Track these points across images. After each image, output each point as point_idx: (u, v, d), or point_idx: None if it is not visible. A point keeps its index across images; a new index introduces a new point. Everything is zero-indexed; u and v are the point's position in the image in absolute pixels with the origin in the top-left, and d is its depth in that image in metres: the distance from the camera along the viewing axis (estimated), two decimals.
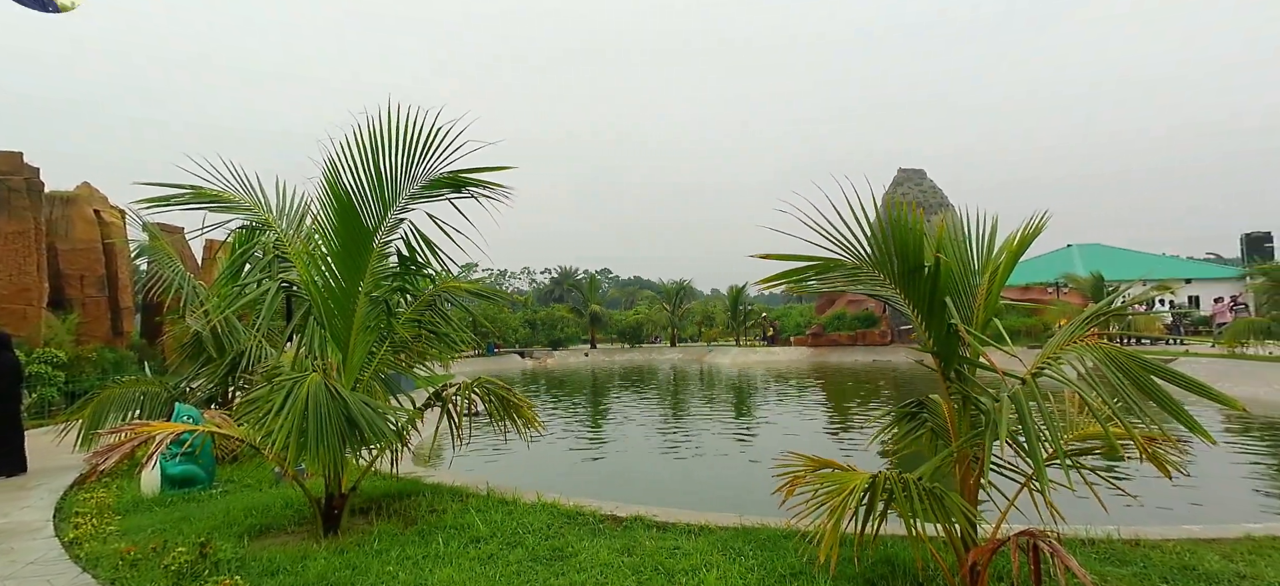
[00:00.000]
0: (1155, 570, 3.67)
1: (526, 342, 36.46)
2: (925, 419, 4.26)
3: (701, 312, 41.39)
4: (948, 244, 4.09)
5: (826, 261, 3.74)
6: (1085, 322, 3.86)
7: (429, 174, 4.88)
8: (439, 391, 5.54)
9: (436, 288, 5.95)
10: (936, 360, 3.78)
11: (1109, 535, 4.22)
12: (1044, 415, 3.09)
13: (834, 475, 3.57)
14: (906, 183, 34.30)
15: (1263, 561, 3.71)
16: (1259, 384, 14.85)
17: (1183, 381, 3.05)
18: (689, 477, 9.44)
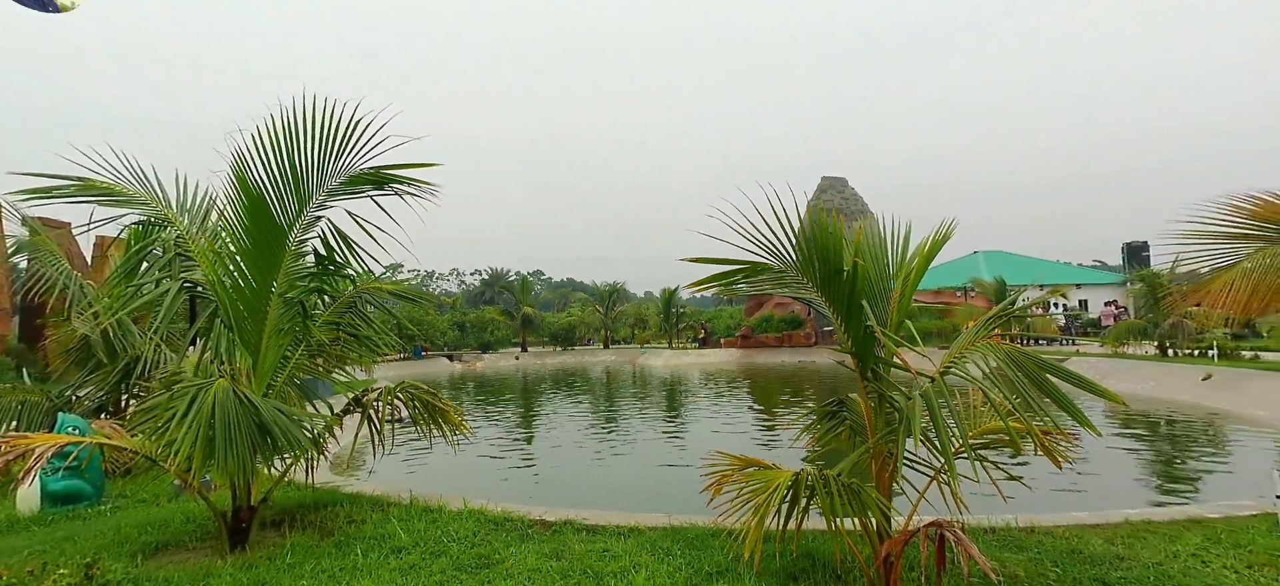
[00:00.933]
0: (1047, 555, 3.97)
1: (455, 346, 35.51)
2: (845, 417, 4.44)
3: (635, 315, 41.58)
4: (865, 250, 4.28)
5: (754, 265, 3.83)
6: (988, 324, 4.13)
7: (349, 170, 4.67)
8: (359, 397, 5.31)
9: (357, 289, 5.70)
10: (855, 360, 3.94)
11: (1008, 523, 4.52)
12: (952, 411, 3.27)
13: (759, 474, 3.66)
14: (830, 190, 35.68)
15: (1139, 543, 4.08)
16: (1136, 381, 16.34)
17: (1073, 379, 3.30)
18: (620, 479, 9.46)
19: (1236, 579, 3.52)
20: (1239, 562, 3.73)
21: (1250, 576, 3.55)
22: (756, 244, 3.75)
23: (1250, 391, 13.10)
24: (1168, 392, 14.96)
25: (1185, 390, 14.61)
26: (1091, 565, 3.79)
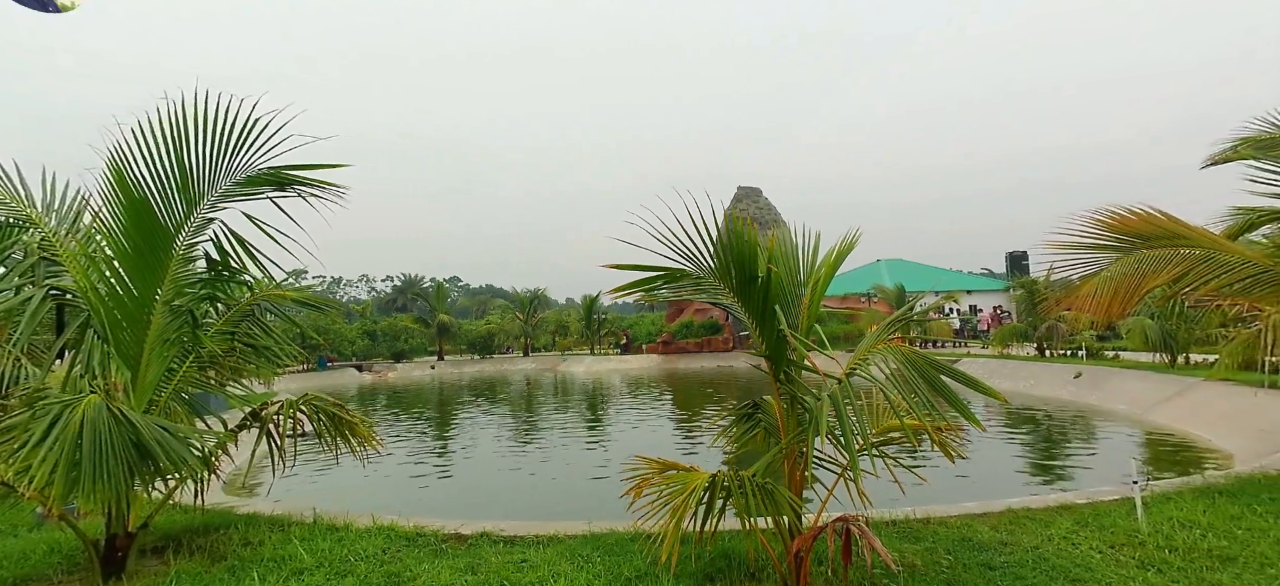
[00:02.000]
0: (941, 544, 4.26)
1: (365, 355, 33.85)
2: (760, 419, 4.57)
3: (556, 322, 41.17)
4: (778, 257, 4.44)
5: (673, 271, 3.89)
6: (888, 328, 4.39)
7: (247, 170, 4.36)
8: (257, 411, 4.96)
9: (256, 296, 5.34)
10: (769, 364, 4.08)
11: (907, 515, 4.82)
12: (856, 411, 3.45)
13: (678, 476, 3.72)
14: (745, 199, 36.84)
15: (1019, 529, 4.46)
16: (1018, 379, 17.85)
17: (962, 378, 3.57)
18: (541, 488, 9.33)
19: (1101, 558, 3.92)
20: (1103, 543, 4.14)
21: (1112, 555, 3.96)
22: (676, 251, 3.82)
23: (1112, 387, 14.60)
24: (1044, 389, 16.43)
25: (1059, 387, 16.09)
26: (979, 551, 4.10)
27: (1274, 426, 8.85)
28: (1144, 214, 5.44)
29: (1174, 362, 15.13)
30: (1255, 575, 3.58)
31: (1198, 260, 5.13)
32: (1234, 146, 5.77)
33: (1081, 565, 3.81)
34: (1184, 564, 3.76)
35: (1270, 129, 5.59)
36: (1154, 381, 13.61)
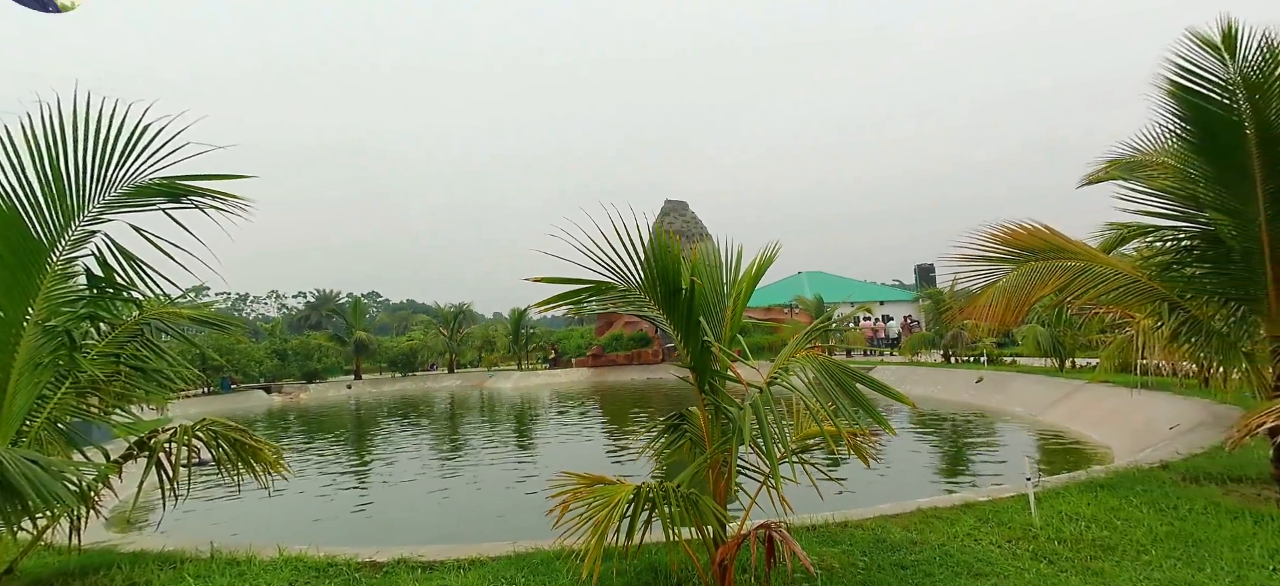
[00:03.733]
0: (857, 546, 4.42)
1: (274, 376, 31.84)
2: (686, 430, 4.62)
3: (482, 337, 40.16)
4: (702, 270, 4.52)
5: (600, 284, 3.89)
6: (806, 338, 4.56)
7: (135, 179, 4.03)
8: (146, 439, 4.55)
9: (145, 314, 4.92)
10: (694, 375, 4.14)
11: (826, 519, 4.98)
12: (776, 419, 3.54)
13: (604, 490, 3.69)
14: (672, 213, 37.37)
15: (929, 529, 4.70)
16: (927, 385, 18.90)
17: (874, 385, 3.73)
18: (464, 510, 9.04)
19: (1000, 552, 4.19)
20: (1002, 538, 4.43)
21: (1010, 549, 4.24)
22: (602, 264, 3.82)
23: (1010, 391, 15.72)
24: (950, 394, 17.48)
25: (963, 392, 17.16)
26: (892, 551, 4.29)
27: (1147, 424, 9.77)
28: (1032, 229, 5.91)
29: (1062, 367, 16.47)
30: (1132, 562, 3.92)
31: (1078, 272, 5.61)
32: (1105, 167, 6.38)
33: (983, 559, 4.06)
34: (1072, 554, 4.07)
35: (1135, 153, 6.21)
36: (1046, 385, 14.74)
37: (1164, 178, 5.61)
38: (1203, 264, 5.56)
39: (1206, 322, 5.51)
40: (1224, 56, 4.57)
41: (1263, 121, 4.63)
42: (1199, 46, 4.65)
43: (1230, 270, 5.32)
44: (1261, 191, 4.85)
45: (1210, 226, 5.39)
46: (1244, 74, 4.55)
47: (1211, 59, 4.64)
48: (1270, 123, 4.63)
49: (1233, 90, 4.64)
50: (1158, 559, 3.90)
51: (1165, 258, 5.83)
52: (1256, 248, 5.02)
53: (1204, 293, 5.59)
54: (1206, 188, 5.21)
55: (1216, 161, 5.03)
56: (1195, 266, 5.63)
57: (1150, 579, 3.63)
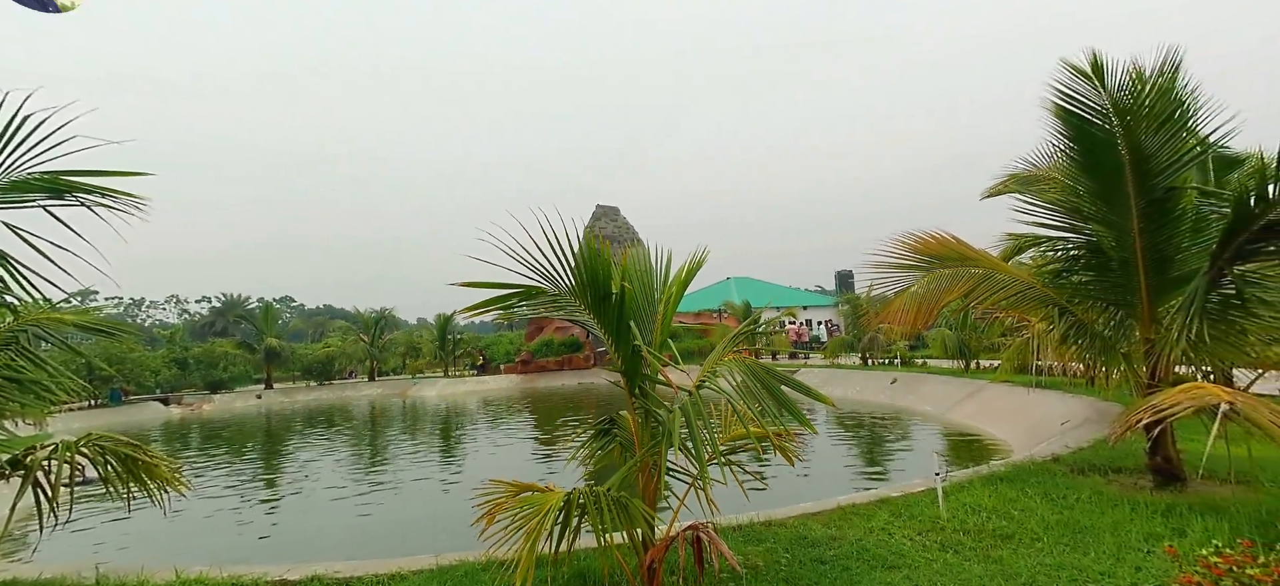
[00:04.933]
0: (780, 544, 4.56)
1: (174, 387, 29.52)
2: (616, 434, 4.62)
3: (406, 343, 38.67)
4: (633, 274, 4.55)
5: (529, 289, 3.84)
6: (733, 342, 4.66)
7: (8, 173, 3.65)
8: (21, 457, 4.11)
9: (21, 320, 4.46)
10: (624, 379, 4.15)
11: (752, 519, 5.11)
12: (705, 422, 3.60)
13: (533, 497, 3.64)
14: (604, 218, 37.39)
15: (847, 524, 4.91)
16: (846, 387, 19.74)
17: (798, 387, 3.85)
18: (386, 523, 8.68)
19: (911, 544, 4.42)
20: (913, 531, 4.68)
21: (920, 541, 4.49)
22: (532, 268, 3.78)
23: (921, 391, 16.64)
24: (868, 395, 18.33)
25: (879, 392, 18.03)
26: (813, 547, 4.45)
27: (1041, 420, 10.59)
28: (940, 238, 6.30)
29: (968, 368, 17.61)
30: (1027, 548, 4.24)
31: (981, 278, 6.02)
32: (1005, 181, 6.88)
33: (896, 552, 4.27)
34: (974, 544, 4.35)
35: (1031, 168, 6.73)
36: (953, 385, 15.71)
37: (1054, 192, 6.11)
38: (1088, 272, 6.08)
39: (1091, 326, 6.03)
40: (1096, 84, 5.04)
41: (1134, 142, 5.13)
42: (1074, 75, 5.11)
43: (1110, 278, 5.85)
44: (1135, 206, 5.36)
45: (1093, 238, 5.91)
46: (1115, 100, 5.04)
47: (1087, 85, 5.10)
48: (1140, 143, 5.14)
49: (1107, 114, 5.12)
50: (1049, 545, 4.23)
51: (1056, 266, 6.34)
52: (1132, 258, 5.54)
53: (1089, 298, 6.12)
54: (1089, 202, 5.71)
55: (1097, 178, 5.53)
56: (1081, 274, 6.15)
57: (1042, 564, 3.93)
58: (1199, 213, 5.56)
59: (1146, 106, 5.02)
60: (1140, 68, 5.03)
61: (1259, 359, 6.99)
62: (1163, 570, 3.61)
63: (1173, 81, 4.98)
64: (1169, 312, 5.44)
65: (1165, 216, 5.39)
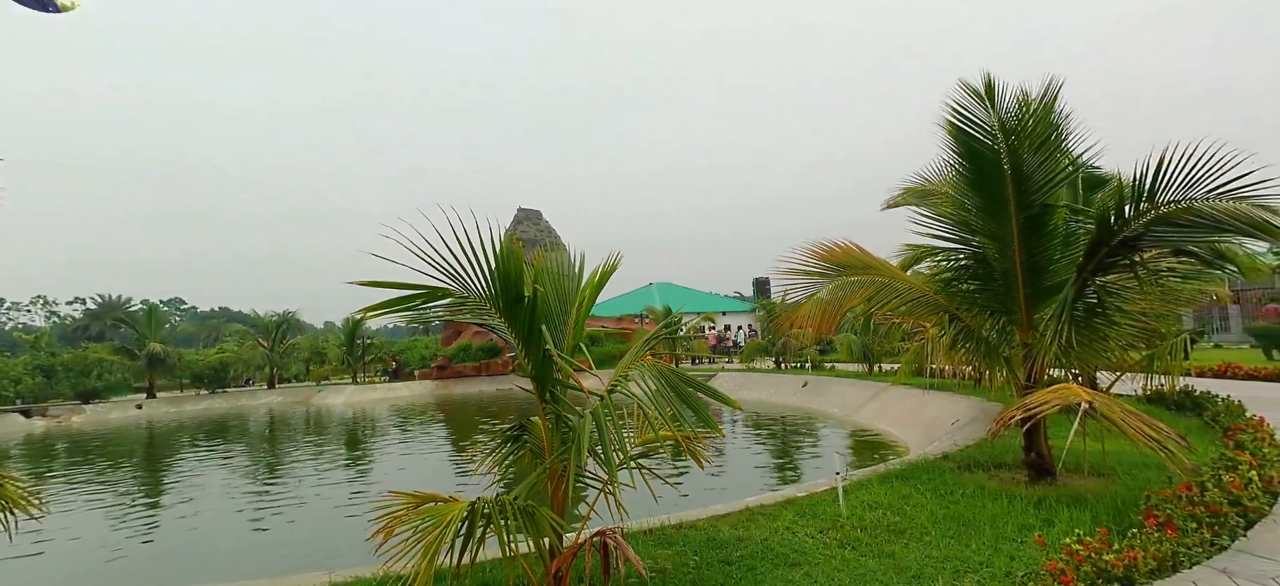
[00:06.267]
0: (690, 546, 4.61)
1: (38, 396, 26.48)
2: (526, 440, 4.53)
3: (310, 348, 36.43)
4: (546, 277, 4.48)
5: (435, 291, 3.70)
6: (645, 346, 4.68)
7: None
8: None
9: None
10: (535, 384, 4.08)
11: (663, 522, 5.14)
12: (616, 426, 3.58)
13: (435, 509, 3.50)
14: (525, 221, 36.84)
15: (754, 525, 5.02)
16: (761, 390, 20.35)
17: (708, 391, 3.90)
18: (280, 540, 8.12)
19: (813, 542, 4.58)
20: (815, 529, 4.86)
21: (821, 539, 4.66)
22: (442, 270, 3.65)
23: (829, 394, 17.39)
24: (780, 398, 18.97)
25: (791, 395, 18.70)
26: (721, 549, 4.52)
27: (935, 420, 11.31)
28: (845, 247, 6.59)
29: (871, 371, 18.56)
30: (917, 542, 4.48)
31: (881, 286, 6.34)
32: (902, 194, 7.30)
33: (798, 550, 4.41)
34: (870, 539, 4.56)
35: (926, 182, 7.17)
36: (858, 388, 16.51)
37: (946, 206, 6.53)
38: (974, 281, 6.54)
39: (978, 332, 6.49)
40: (987, 105, 5.44)
41: (1016, 161, 5.57)
42: (968, 95, 5.50)
43: (994, 287, 6.31)
44: (1016, 220, 5.82)
45: (980, 249, 6.36)
46: (1002, 120, 5.46)
47: (978, 106, 5.50)
48: (1022, 162, 5.58)
49: (994, 133, 5.54)
50: (937, 538, 4.50)
51: (947, 275, 6.77)
52: (1013, 268, 6.01)
53: (975, 306, 6.58)
54: (976, 215, 6.15)
55: (983, 193, 5.96)
56: (969, 283, 6.60)
57: (929, 557, 4.17)
58: (1069, 228, 6.10)
59: (1029, 128, 5.47)
60: (1026, 92, 5.47)
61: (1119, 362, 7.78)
62: (1033, 558, 3.92)
63: (1051, 107, 5.45)
64: (1044, 319, 5.93)
65: (1040, 231, 5.88)
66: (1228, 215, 4.53)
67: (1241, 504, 4.44)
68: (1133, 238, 5.19)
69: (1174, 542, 3.83)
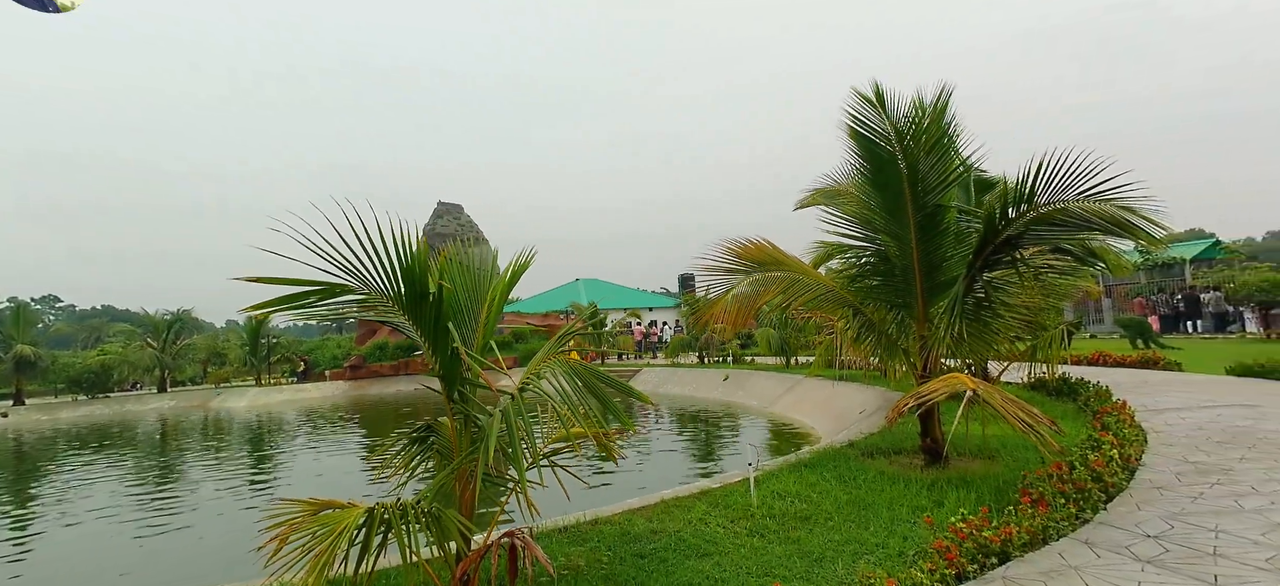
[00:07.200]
0: (604, 541, 4.61)
1: None
2: (433, 442, 4.38)
3: (208, 349, 33.88)
4: (456, 273, 4.34)
5: (332, 287, 3.51)
6: (559, 342, 4.62)
7: None
8: None
9: None
10: (443, 383, 3.95)
11: (577, 519, 5.11)
12: (527, 425, 3.52)
13: (332, 516, 3.32)
14: (446, 215, 35.75)
15: (669, 517, 5.07)
16: (685, 385, 20.68)
17: (619, 386, 3.90)
18: (169, 556, 7.52)
19: (723, 532, 4.68)
20: (727, 519, 4.96)
21: (732, 528, 4.76)
22: (339, 265, 3.47)
23: (749, 387, 17.88)
24: (703, 392, 19.33)
25: (713, 389, 19.10)
26: (634, 542, 4.54)
27: (845, 410, 11.84)
28: (759, 244, 6.76)
29: (788, 364, 19.23)
30: (821, 527, 4.67)
31: (792, 282, 6.56)
32: (812, 194, 7.57)
33: (710, 540, 4.50)
34: (778, 527, 4.71)
35: (834, 183, 7.47)
36: (775, 380, 17.07)
37: (852, 206, 6.83)
38: (877, 277, 6.87)
39: (879, 325, 6.83)
40: (881, 110, 5.73)
41: (912, 163, 5.89)
42: (863, 102, 5.78)
43: (894, 282, 6.66)
44: (913, 219, 6.15)
45: (882, 247, 6.68)
46: (897, 125, 5.75)
47: (874, 112, 5.78)
48: (917, 164, 5.90)
49: (891, 138, 5.83)
50: (839, 523, 4.70)
51: (852, 271, 7.09)
52: (911, 265, 6.35)
53: (878, 300, 6.91)
54: (878, 215, 6.46)
55: (884, 194, 6.26)
56: (872, 279, 6.93)
57: (831, 540, 4.35)
58: (960, 227, 6.51)
59: (923, 131, 5.79)
60: (921, 98, 5.79)
61: (1008, 352, 8.40)
62: (924, 538, 4.15)
63: (943, 111, 5.79)
64: (938, 313, 6.31)
65: (936, 229, 6.24)
66: (1094, 214, 4.98)
67: (1103, 480, 4.90)
68: (1015, 236, 5.61)
69: (1044, 518, 4.17)
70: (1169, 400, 9.20)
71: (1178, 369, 12.80)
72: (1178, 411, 8.30)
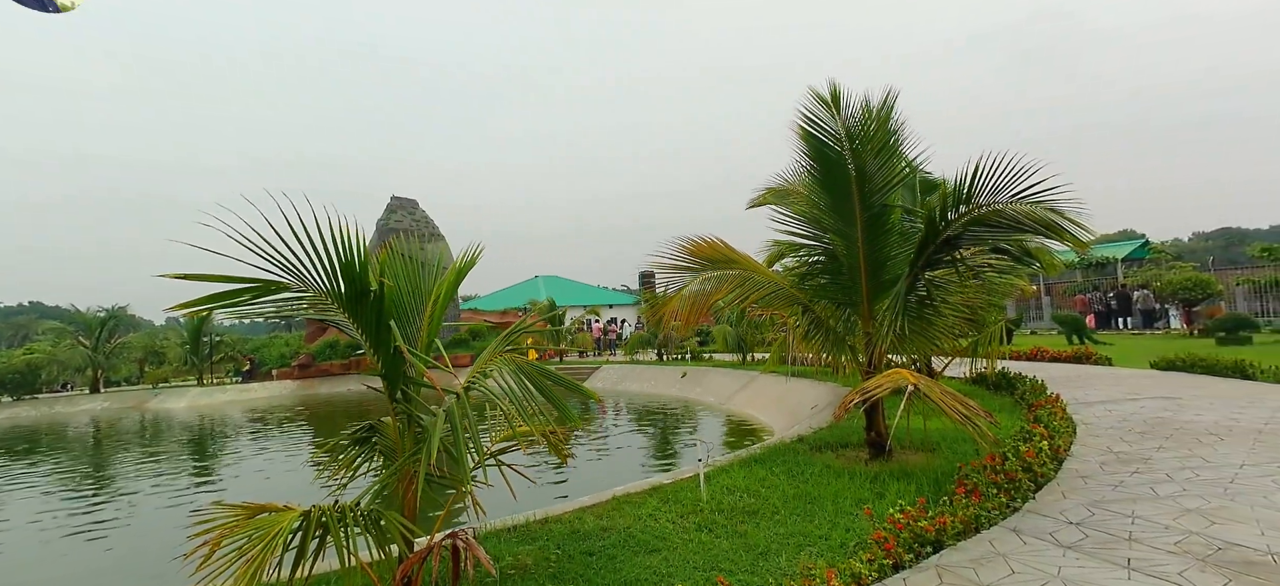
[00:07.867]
0: (553, 539, 4.59)
1: None
2: (376, 442, 4.29)
3: (145, 347, 32.31)
4: (399, 270, 4.25)
5: (267, 284, 3.40)
6: (504, 340, 4.58)
7: None
8: None
9: None
10: (385, 383, 3.87)
11: (528, 518, 5.07)
12: (472, 424, 3.47)
13: (267, 520, 3.22)
14: (400, 210, 34.86)
15: (619, 514, 5.08)
16: (644, 382, 20.74)
17: (568, 384, 3.88)
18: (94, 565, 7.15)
19: (673, 528, 4.71)
20: (677, 514, 5.00)
21: (681, 524, 4.80)
22: (275, 261, 3.35)
23: (706, 383, 18.05)
24: (661, 389, 19.43)
25: (671, 386, 19.21)
26: (584, 540, 4.54)
27: (797, 405, 12.07)
28: (711, 243, 6.83)
29: (744, 360, 19.48)
30: (768, 520, 4.75)
31: (744, 280, 6.64)
32: (764, 194, 7.68)
33: (659, 536, 4.52)
34: (726, 522, 4.77)
35: (786, 183, 7.60)
36: (731, 377, 17.27)
37: (801, 205, 6.95)
38: (825, 275, 7.01)
39: (827, 322, 6.98)
40: (834, 111, 5.85)
41: (860, 164, 6.03)
42: (817, 102, 5.89)
43: (841, 281, 6.81)
44: (860, 219, 6.30)
45: (830, 246, 6.83)
46: (847, 127, 5.89)
47: (827, 113, 5.90)
48: (865, 165, 6.05)
49: (840, 139, 5.96)
50: (785, 516, 4.79)
51: (802, 270, 7.22)
52: (857, 263, 6.51)
53: (826, 298, 7.06)
54: (827, 214, 6.59)
55: (832, 193, 6.40)
56: (821, 277, 7.07)
57: (777, 533, 4.44)
58: (904, 226, 6.70)
59: (871, 133, 5.93)
60: (869, 101, 5.93)
61: (950, 348, 8.69)
62: (865, 529, 4.27)
63: (889, 114, 5.95)
64: (883, 310, 6.49)
65: (881, 228, 6.41)
66: (1026, 216, 5.18)
67: (1033, 470, 5.13)
68: (955, 236, 5.80)
69: (977, 507, 4.34)
70: (1098, 393, 9.68)
71: (1108, 363, 13.48)
72: (1104, 404, 8.74)
